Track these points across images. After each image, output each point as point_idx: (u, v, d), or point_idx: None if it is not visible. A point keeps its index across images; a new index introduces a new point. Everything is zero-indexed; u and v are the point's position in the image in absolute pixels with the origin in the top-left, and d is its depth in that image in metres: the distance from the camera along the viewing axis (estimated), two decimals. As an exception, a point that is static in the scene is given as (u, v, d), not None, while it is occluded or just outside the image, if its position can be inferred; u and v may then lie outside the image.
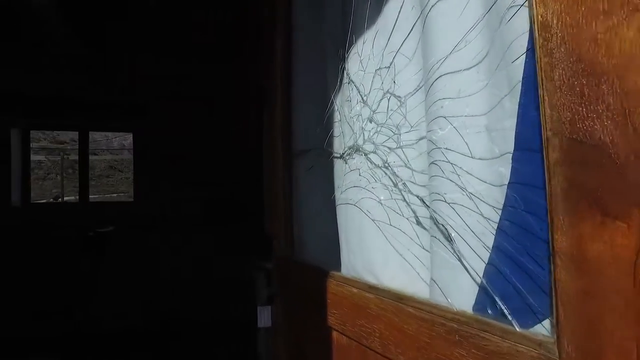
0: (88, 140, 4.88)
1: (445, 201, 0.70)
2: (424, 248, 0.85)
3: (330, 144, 0.99)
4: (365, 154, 0.90)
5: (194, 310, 4.25)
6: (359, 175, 0.92)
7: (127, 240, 4.16)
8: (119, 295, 4.10)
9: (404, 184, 0.86)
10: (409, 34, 0.81)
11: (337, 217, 1.00)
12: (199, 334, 4.13)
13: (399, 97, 0.86)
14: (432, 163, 0.73)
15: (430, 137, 0.73)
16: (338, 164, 0.98)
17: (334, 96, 0.97)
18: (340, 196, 0.98)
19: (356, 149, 0.91)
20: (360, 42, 0.89)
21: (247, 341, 1.96)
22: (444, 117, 0.70)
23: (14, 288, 3.93)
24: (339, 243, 1.02)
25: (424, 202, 0.83)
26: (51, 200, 4.25)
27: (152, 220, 4.71)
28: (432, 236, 0.76)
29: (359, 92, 0.90)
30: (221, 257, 4.27)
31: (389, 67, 0.83)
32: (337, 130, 0.97)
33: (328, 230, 1.06)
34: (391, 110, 0.87)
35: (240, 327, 3.95)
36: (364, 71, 0.89)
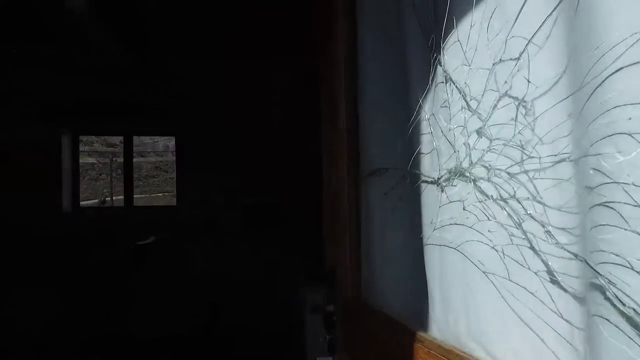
0: (132, 144, 4.87)
1: (632, 268, 0.45)
2: (564, 318, 0.59)
3: (417, 165, 0.75)
4: (474, 181, 0.65)
5: (238, 316, 4.15)
6: (463, 209, 0.67)
7: (169, 246, 4.10)
8: (160, 301, 4.05)
9: (533, 224, 0.61)
10: (553, 11, 0.55)
11: (427, 260, 0.76)
12: (243, 340, 4.03)
13: (525, 102, 0.61)
14: (603, 205, 0.48)
15: (600, 165, 0.47)
16: (430, 192, 0.73)
17: (422, 100, 0.73)
18: (432, 234, 0.73)
19: (459, 173, 0.67)
20: (464, 25, 0.64)
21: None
22: (629, 135, 0.45)
23: (65, 292, 3.97)
24: (426, 294, 0.79)
25: (568, 252, 0.57)
26: (99, 201, 4.33)
27: (194, 225, 4.64)
28: (594, 315, 0.50)
29: (463, 94, 0.65)
30: (261, 262, 4.14)
31: (516, 59, 0.58)
32: (427, 146, 0.73)
33: (410, 274, 0.82)
34: (513, 120, 0.62)
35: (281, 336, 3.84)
36: (470, 66, 0.64)
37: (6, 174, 4.37)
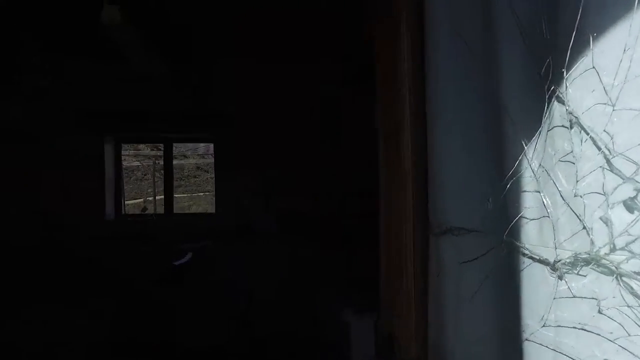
0: (172, 151, 4.87)
1: None
2: None
3: (517, 234, 0.55)
4: (619, 276, 0.45)
5: (272, 324, 4.05)
6: (599, 312, 0.47)
7: (207, 255, 4.05)
8: (202, 311, 4.00)
9: None
10: None
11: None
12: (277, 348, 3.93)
13: None
14: None
15: None
16: (538, 275, 0.53)
17: (527, 147, 0.53)
18: (539, 331, 0.53)
19: (593, 261, 0.47)
20: (608, 45, 0.44)
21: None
22: None
23: (105, 300, 4.00)
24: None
25: None
26: (142, 208, 4.39)
27: (231, 232, 4.56)
28: None
29: (602, 147, 0.45)
30: (297, 270, 4.01)
31: None
32: (534, 211, 0.53)
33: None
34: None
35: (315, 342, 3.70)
36: (615, 106, 0.44)
37: (51, 182, 4.47)
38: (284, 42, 4.16)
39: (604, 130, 0.45)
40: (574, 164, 0.48)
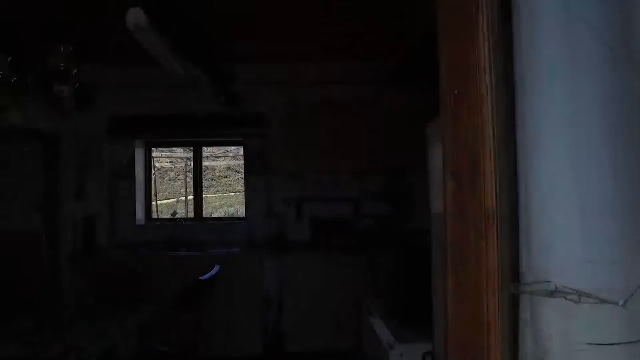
0: (202, 155, 4.79)
1: None
2: None
3: None
4: None
5: (305, 338, 3.88)
6: None
7: (237, 262, 3.92)
8: (233, 322, 3.88)
9: None
10: None
11: None
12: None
13: None
14: None
15: None
16: None
17: None
18: None
19: None
20: None
21: None
22: None
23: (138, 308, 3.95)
24: None
25: None
26: (171, 213, 4.36)
27: (261, 239, 4.43)
28: None
29: None
30: (331, 286, 3.81)
31: None
32: None
33: None
34: None
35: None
36: None
37: (89, 189, 4.47)
38: (319, 40, 3.96)
39: None
40: None
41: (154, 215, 4.78)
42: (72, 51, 3.38)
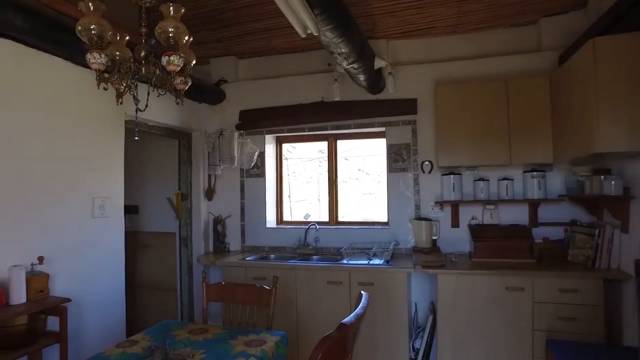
0: (336, 150, 4.21)
1: None
2: None
3: None
4: None
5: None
6: None
7: (383, 275, 3.20)
8: (373, 346, 3.17)
9: None
10: None
11: None
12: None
13: None
14: None
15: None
16: None
17: None
18: None
19: None
20: None
21: None
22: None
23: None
24: None
25: None
26: (304, 215, 4.03)
27: (406, 250, 3.66)
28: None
29: None
30: (499, 308, 2.81)
31: None
32: None
33: None
34: None
35: None
36: None
37: (214, 186, 4.26)
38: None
39: None
40: None
41: (285, 218, 4.35)
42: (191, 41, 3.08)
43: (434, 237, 3.58)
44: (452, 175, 3.50)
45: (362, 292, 1.64)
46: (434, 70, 3.67)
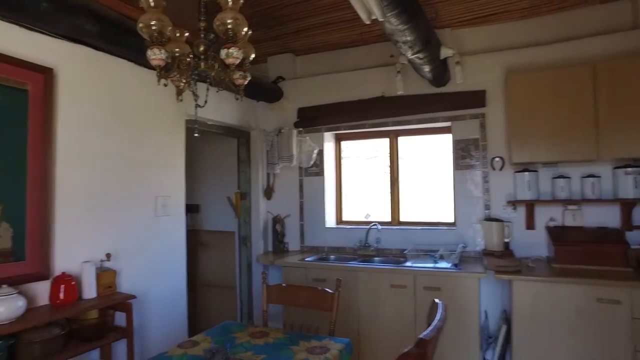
0: (397, 147, 4.02)
1: None
2: None
3: None
4: None
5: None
6: None
7: (449, 281, 2.97)
8: (439, 356, 2.96)
9: None
10: None
11: None
12: None
13: None
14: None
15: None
16: None
17: None
18: None
19: None
20: None
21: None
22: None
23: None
24: None
25: None
26: (365, 215, 3.92)
27: (475, 254, 3.40)
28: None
29: None
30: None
31: None
32: None
33: None
34: None
35: None
36: None
37: (273, 185, 4.22)
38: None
39: None
40: None
41: (345, 218, 4.23)
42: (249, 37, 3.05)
43: (506, 240, 3.29)
44: (526, 172, 3.19)
45: (437, 300, 1.47)
46: (504, 59, 3.37)
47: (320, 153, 4.03)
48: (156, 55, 1.58)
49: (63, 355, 2.01)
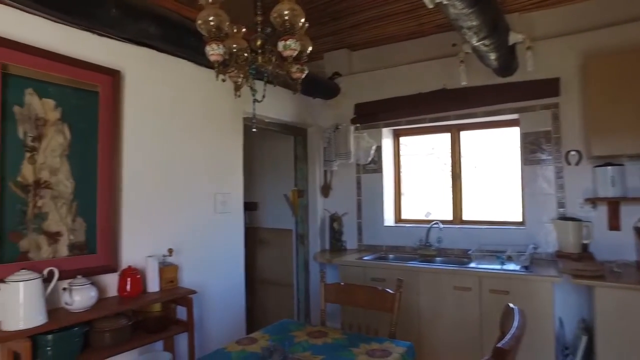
0: (460, 142, 3.81)
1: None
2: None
3: None
4: None
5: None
6: None
7: (519, 285, 2.75)
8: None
9: None
10: None
11: None
12: None
13: None
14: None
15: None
16: None
17: None
18: None
19: None
20: None
21: None
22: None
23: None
24: None
25: None
26: (425, 213, 3.75)
27: (547, 255, 3.13)
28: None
29: None
30: None
31: None
32: None
33: None
34: None
35: None
36: None
37: (330, 182, 4.17)
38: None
39: None
40: None
41: (403, 216, 4.09)
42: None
43: (585, 241, 2.99)
44: (609, 167, 2.88)
45: (511, 305, 1.33)
46: (579, 43, 3.08)
47: (378, 149, 3.92)
48: (214, 51, 1.58)
49: (131, 344, 2.09)
